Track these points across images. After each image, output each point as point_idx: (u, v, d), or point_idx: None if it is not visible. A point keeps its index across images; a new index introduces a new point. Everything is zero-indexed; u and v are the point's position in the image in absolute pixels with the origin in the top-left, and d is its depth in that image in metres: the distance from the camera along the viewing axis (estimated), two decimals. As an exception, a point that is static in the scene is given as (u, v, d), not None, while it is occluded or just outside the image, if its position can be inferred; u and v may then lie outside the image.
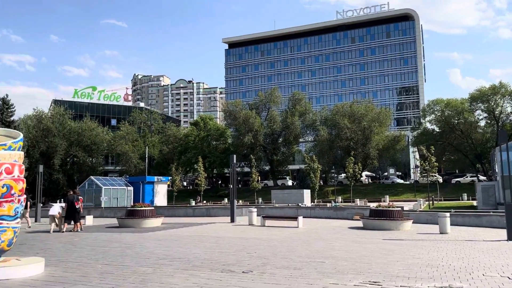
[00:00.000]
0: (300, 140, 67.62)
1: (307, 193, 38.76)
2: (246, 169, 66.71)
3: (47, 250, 11.61)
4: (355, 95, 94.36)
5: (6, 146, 8.36)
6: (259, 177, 53.94)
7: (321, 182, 56.57)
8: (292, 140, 64.42)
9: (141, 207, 21.21)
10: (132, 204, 30.51)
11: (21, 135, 8.99)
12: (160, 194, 47.11)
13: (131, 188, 44.93)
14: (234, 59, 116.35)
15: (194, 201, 48.22)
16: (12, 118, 59.67)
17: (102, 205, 37.86)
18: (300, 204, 32.92)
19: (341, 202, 41.21)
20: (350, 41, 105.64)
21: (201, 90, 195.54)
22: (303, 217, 20.11)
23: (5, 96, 59.56)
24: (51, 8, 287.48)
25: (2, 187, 8.08)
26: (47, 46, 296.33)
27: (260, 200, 46.04)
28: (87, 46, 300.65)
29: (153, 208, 22.32)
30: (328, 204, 34.45)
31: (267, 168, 68.79)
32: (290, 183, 66.70)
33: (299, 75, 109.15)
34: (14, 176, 8.33)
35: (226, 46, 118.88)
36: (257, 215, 20.91)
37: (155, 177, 48.48)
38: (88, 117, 65.09)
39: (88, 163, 61.05)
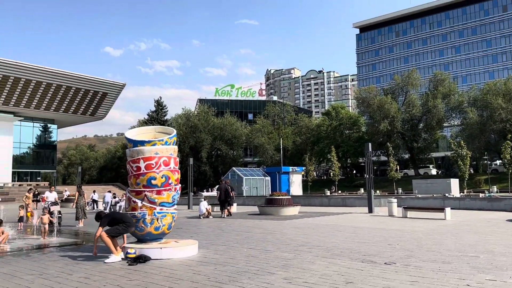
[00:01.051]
0: (444, 124, 61.87)
1: (454, 182, 35.41)
2: (383, 158, 63.81)
3: (200, 234, 12.88)
4: (510, 71, 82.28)
5: (163, 142, 9.51)
6: (398, 166, 51.11)
7: (471, 170, 50.97)
8: (435, 125, 59.30)
9: (278, 196, 22.04)
10: (270, 193, 31.88)
11: (175, 131, 10.11)
12: (296, 184, 48.22)
13: (268, 178, 46.97)
14: (366, 43, 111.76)
15: (328, 191, 48.15)
16: (165, 118, 67.68)
17: (244, 194, 40.44)
18: (446, 194, 30.24)
19: (497, 192, 36.56)
20: (502, 10, 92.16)
21: (331, 79, 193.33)
22: (451, 208, 18.40)
23: (159, 99, 67.78)
24: (191, 15, 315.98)
25: (162, 177, 9.22)
26: (190, 51, 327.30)
27: (400, 190, 43.64)
28: (224, 47, 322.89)
29: (290, 197, 22.99)
30: (481, 195, 30.89)
31: (406, 156, 64.72)
32: (433, 172, 61.67)
33: (440, 53, 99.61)
34: (170, 168, 9.43)
35: (357, 31, 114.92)
36: (398, 206, 19.87)
37: (290, 167, 49.77)
38: (228, 113, 70.10)
39: (230, 155, 65.74)
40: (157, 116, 65.99)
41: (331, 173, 54.67)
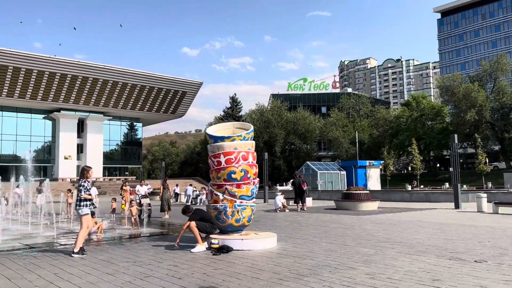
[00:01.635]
0: (541, 112, 56.08)
1: (554, 176, 32.03)
2: (470, 150, 59.55)
3: (277, 227, 13.08)
4: None
5: (241, 137, 9.80)
6: (487, 159, 47.32)
7: None
8: (529, 114, 53.98)
9: (356, 190, 21.57)
10: (346, 187, 31.30)
11: (252, 127, 10.35)
12: (373, 178, 46.77)
13: (343, 172, 46.07)
14: (449, 28, 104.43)
15: (410, 186, 46.00)
16: (240, 114, 69.34)
17: (319, 188, 40.13)
18: (544, 189, 27.45)
19: None
20: None
21: (411, 67, 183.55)
22: (551, 204, 16.69)
23: (234, 95, 69.61)
24: (263, 11, 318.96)
25: (241, 171, 9.51)
26: (262, 47, 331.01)
27: (490, 184, 40.44)
28: (296, 41, 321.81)
29: (368, 191, 22.39)
30: None
31: (496, 148, 59.67)
32: (528, 164, 56.20)
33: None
34: (249, 162, 9.69)
35: (439, 16, 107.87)
36: (487, 201, 18.47)
37: (367, 161, 48.35)
38: (301, 107, 69.83)
39: (303, 149, 65.53)
40: (232, 112, 67.80)
41: (411, 167, 52.08)
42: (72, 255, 8.33)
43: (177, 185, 36.87)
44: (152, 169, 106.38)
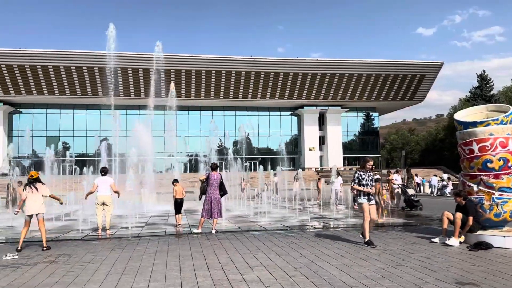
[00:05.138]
0: None
1: None
2: None
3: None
4: None
5: (498, 121, 8.67)
6: None
7: None
8: None
9: None
10: None
11: (511, 109, 9.00)
12: None
13: None
14: None
15: None
16: (491, 93, 60.55)
17: None
18: None
19: None
20: None
21: None
22: None
23: (483, 72, 61.28)
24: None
25: (499, 160, 8.45)
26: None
27: None
28: None
29: None
30: None
31: None
32: None
33: None
34: (509, 149, 8.51)
35: None
36: None
37: None
38: None
39: None
40: (481, 92, 59.90)
41: None
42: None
43: (416, 175, 35.36)
44: (390, 158, 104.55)
